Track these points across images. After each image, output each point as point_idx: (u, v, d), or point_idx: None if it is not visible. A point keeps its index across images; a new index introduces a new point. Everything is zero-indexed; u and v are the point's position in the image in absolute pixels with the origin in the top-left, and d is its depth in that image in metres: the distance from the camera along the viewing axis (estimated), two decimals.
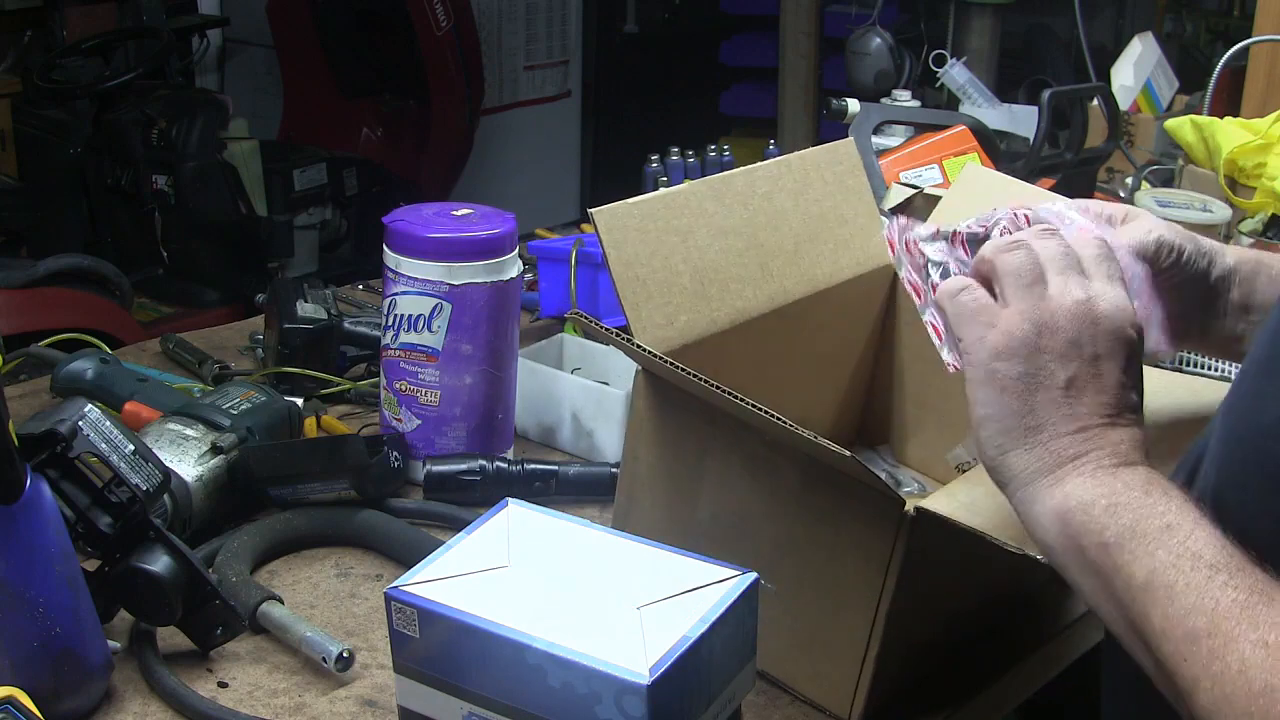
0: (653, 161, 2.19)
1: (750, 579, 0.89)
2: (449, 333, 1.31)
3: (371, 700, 1.04)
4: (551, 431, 1.45)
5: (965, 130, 1.92)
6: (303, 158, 3.94)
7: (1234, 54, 2.33)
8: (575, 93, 5.26)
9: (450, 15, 4.25)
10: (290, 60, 4.46)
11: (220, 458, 1.25)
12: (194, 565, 1.06)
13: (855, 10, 4.03)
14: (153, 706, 1.03)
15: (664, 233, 1.11)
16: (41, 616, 0.96)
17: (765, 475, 1.01)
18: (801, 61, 4.10)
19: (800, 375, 1.29)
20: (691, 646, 0.83)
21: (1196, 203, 1.85)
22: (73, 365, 1.48)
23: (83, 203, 3.68)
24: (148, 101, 3.56)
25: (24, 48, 3.93)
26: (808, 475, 1.00)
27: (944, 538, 0.92)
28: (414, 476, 1.34)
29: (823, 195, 1.26)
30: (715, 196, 1.17)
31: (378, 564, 1.24)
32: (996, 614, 1.17)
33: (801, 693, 1.07)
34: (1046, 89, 1.99)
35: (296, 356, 1.50)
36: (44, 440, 1.00)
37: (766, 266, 1.19)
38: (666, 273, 1.11)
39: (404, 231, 1.31)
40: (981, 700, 1.12)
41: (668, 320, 1.10)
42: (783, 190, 1.23)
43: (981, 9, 3.59)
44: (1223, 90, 2.40)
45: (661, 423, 1.11)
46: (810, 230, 1.24)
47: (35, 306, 2.84)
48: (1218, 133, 2.00)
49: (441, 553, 0.92)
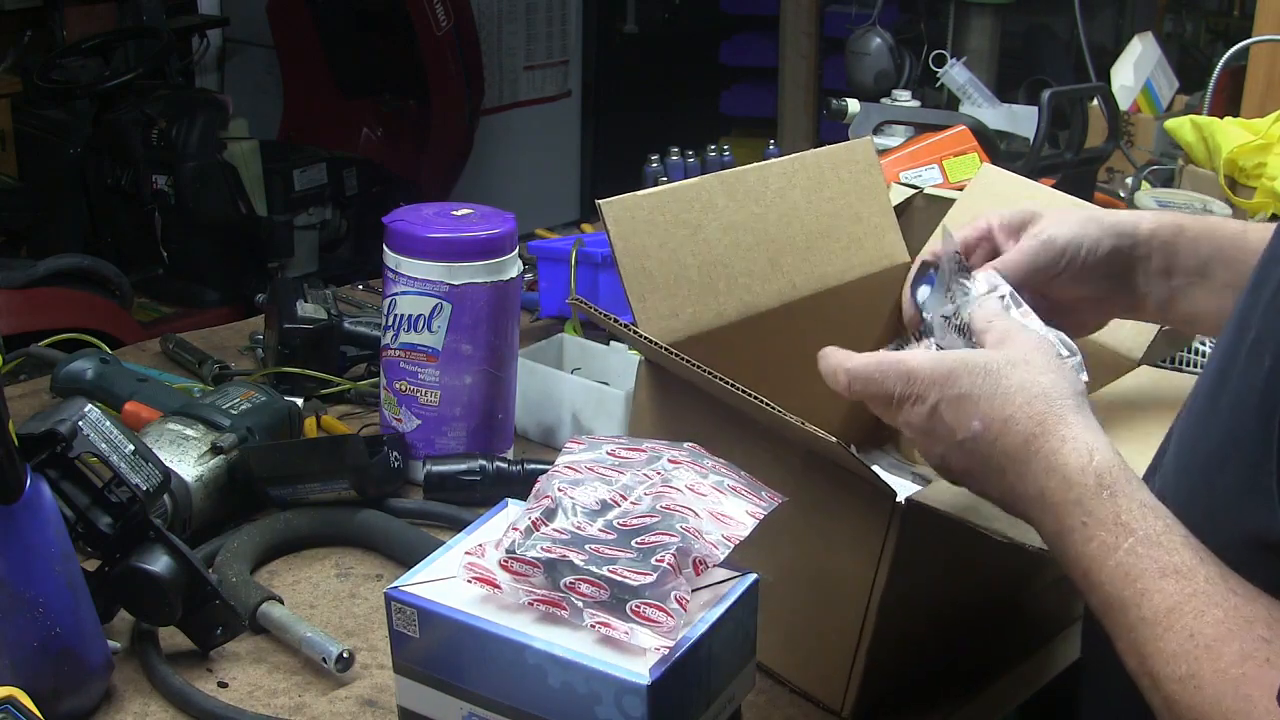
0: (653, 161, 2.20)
1: (750, 579, 0.89)
2: (449, 333, 1.31)
3: (371, 700, 1.04)
4: (551, 431, 1.45)
5: (965, 130, 1.92)
6: (303, 158, 3.94)
7: (1234, 54, 2.33)
8: (575, 93, 5.26)
9: (450, 15, 4.25)
10: (290, 60, 4.46)
11: (220, 458, 1.25)
12: (194, 565, 1.06)
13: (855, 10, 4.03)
14: (153, 706, 1.03)
15: (673, 225, 1.11)
16: (41, 616, 0.96)
17: (762, 467, 1.01)
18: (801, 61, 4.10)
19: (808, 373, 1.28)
20: (691, 646, 0.83)
21: (1196, 203, 1.86)
22: (73, 365, 1.48)
23: (83, 203, 3.68)
24: (148, 101, 3.56)
25: (24, 48, 3.93)
26: (804, 466, 1.00)
27: (936, 530, 0.93)
28: (414, 476, 1.34)
29: (837, 193, 1.26)
30: (726, 191, 1.17)
31: (378, 564, 1.24)
32: (995, 613, 1.17)
33: (795, 684, 1.07)
34: (1046, 89, 1.99)
35: (296, 356, 1.50)
36: (44, 440, 1.00)
37: (777, 262, 1.19)
38: (674, 265, 1.11)
39: (404, 231, 1.31)
40: (981, 700, 1.12)
41: (673, 312, 1.10)
42: (796, 187, 1.22)
43: (981, 9, 3.59)
44: (1223, 90, 2.40)
45: (662, 413, 1.11)
46: (822, 227, 1.24)
47: (35, 306, 2.84)
48: (1218, 133, 2.00)
49: (441, 553, 0.92)
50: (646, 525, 0.84)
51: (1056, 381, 0.84)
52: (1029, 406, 0.82)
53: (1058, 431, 0.81)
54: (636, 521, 0.85)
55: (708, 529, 0.85)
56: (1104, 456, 0.79)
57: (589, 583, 0.83)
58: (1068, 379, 0.85)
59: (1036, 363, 0.85)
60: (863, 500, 0.97)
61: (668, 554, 0.82)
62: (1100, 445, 0.80)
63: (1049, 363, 0.86)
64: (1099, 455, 0.79)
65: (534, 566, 0.84)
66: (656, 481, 0.88)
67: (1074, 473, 0.79)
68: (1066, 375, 0.85)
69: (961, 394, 0.85)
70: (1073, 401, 0.83)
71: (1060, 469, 0.80)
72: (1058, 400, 0.83)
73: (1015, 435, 0.82)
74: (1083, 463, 0.79)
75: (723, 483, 0.89)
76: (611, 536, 0.84)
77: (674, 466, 0.90)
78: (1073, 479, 0.79)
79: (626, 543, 0.83)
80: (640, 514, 0.85)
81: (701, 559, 0.84)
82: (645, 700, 0.79)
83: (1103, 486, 0.78)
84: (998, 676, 1.14)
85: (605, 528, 0.85)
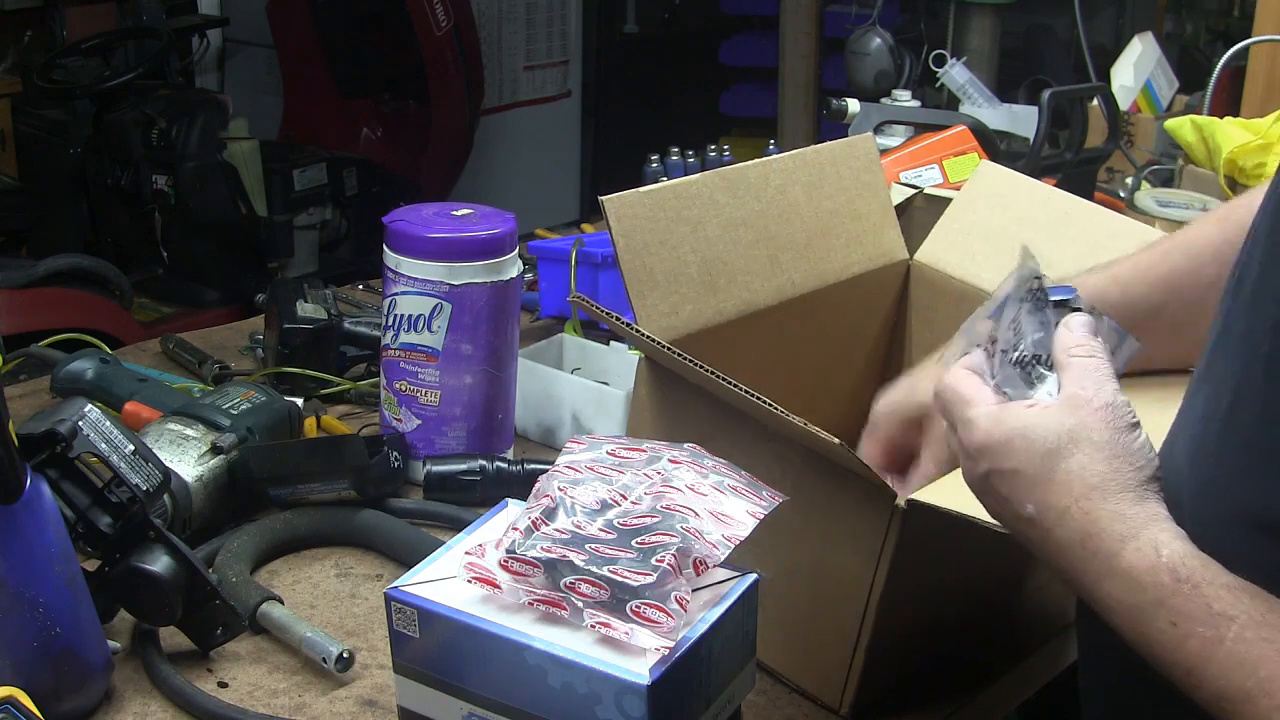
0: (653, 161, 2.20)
1: (750, 579, 0.89)
2: (449, 333, 1.31)
3: (371, 700, 1.04)
4: (551, 431, 1.45)
5: (965, 130, 1.92)
6: (303, 158, 3.94)
7: (1234, 54, 2.33)
8: (575, 93, 5.26)
9: (450, 15, 4.24)
10: (290, 60, 4.46)
11: (220, 458, 1.25)
12: (194, 565, 1.06)
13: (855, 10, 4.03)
14: (153, 706, 1.03)
15: (674, 222, 1.11)
16: (41, 616, 0.96)
17: (762, 465, 1.01)
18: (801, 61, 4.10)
19: (808, 368, 1.28)
20: (691, 646, 0.83)
21: (1196, 203, 1.86)
22: (73, 365, 1.48)
23: (83, 203, 3.68)
24: (148, 101, 3.55)
25: (24, 48, 3.93)
26: (804, 465, 1.00)
27: (936, 530, 0.93)
28: (414, 476, 1.34)
29: (837, 190, 1.26)
30: (727, 188, 1.17)
31: (378, 564, 1.24)
32: (994, 613, 1.17)
33: (794, 683, 1.07)
34: (1046, 89, 1.99)
35: (296, 356, 1.50)
36: (44, 440, 1.00)
37: (776, 259, 1.19)
38: (675, 262, 1.11)
39: (404, 231, 1.31)
40: (981, 700, 1.12)
41: (673, 309, 1.10)
42: (797, 183, 1.22)
43: (981, 9, 3.59)
44: (1223, 90, 2.40)
45: (662, 411, 1.11)
46: (822, 225, 1.24)
47: (35, 306, 2.84)
48: (1218, 133, 2.00)
49: (441, 553, 0.92)
50: (647, 525, 0.84)
51: (1119, 469, 0.77)
52: (1085, 501, 0.77)
53: (1116, 532, 0.75)
54: (637, 521, 0.85)
55: (708, 529, 0.85)
56: (1173, 550, 0.74)
57: (589, 583, 0.83)
58: (1132, 461, 0.77)
59: (1099, 439, 0.78)
60: (862, 500, 0.97)
61: (668, 554, 0.82)
62: (1167, 538, 0.75)
63: (1114, 440, 0.78)
64: (1167, 550, 0.74)
65: (534, 566, 0.84)
66: (657, 481, 0.88)
67: (1142, 574, 0.74)
68: (1131, 456, 0.78)
69: (1017, 471, 0.79)
70: (1133, 494, 0.76)
71: (1124, 573, 0.75)
72: (1115, 494, 0.76)
73: (1070, 531, 0.77)
74: (1150, 562, 0.74)
75: (723, 483, 0.89)
76: (612, 536, 0.84)
77: (674, 466, 0.90)
78: (1143, 581, 0.74)
79: (627, 543, 0.83)
80: (640, 514, 0.85)
81: (702, 559, 0.84)
82: (645, 700, 0.79)
83: (1180, 581, 0.73)
84: (998, 676, 1.14)
85: (605, 527, 0.85)
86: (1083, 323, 0.83)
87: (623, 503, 0.86)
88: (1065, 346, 0.82)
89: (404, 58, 4.32)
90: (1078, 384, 0.80)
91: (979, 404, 0.82)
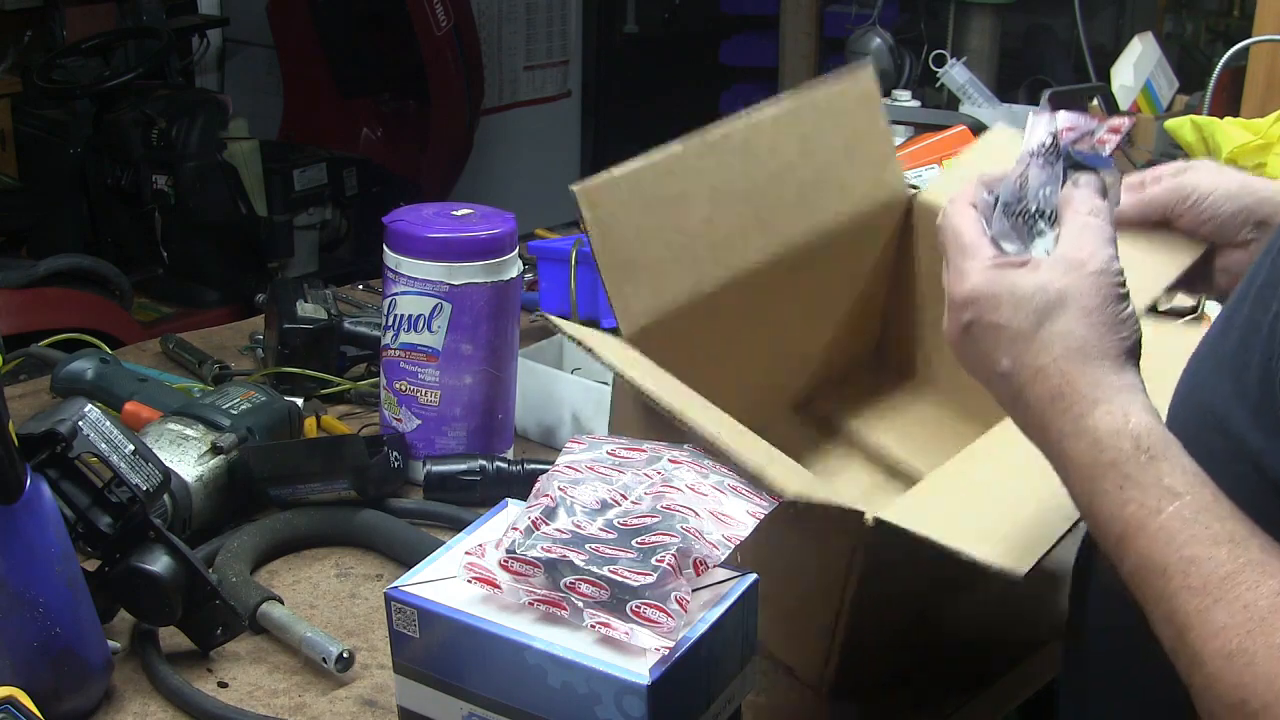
0: None
1: (750, 579, 0.89)
2: (449, 333, 1.31)
3: (371, 700, 1.04)
4: (551, 431, 1.45)
5: (965, 130, 1.92)
6: (303, 158, 3.94)
7: (1234, 54, 2.33)
8: (575, 93, 5.25)
9: (450, 15, 4.24)
10: (290, 60, 4.46)
11: (220, 458, 1.25)
12: (194, 565, 1.06)
13: (855, 10, 4.03)
14: (152, 706, 1.03)
15: (653, 202, 1.07)
16: (41, 616, 0.96)
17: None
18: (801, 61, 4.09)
19: (806, 316, 1.23)
20: (691, 647, 0.83)
21: None
22: (73, 365, 1.48)
23: (83, 203, 3.68)
24: (148, 101, 3.55)
25: (24, 48, 3.93)
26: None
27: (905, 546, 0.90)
28: (414, 476, 1.34)
29: (834, 135, 1.18)
30: (712, 153, 1.11)
31: (378, 564, 1.24)
32: (991, 614, 1.17)
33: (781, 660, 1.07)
34: (1046, 89, 1.99)
35: (296, 356, 1.50)
36: (44, 440, 1.00)
37: (765, 220, 1.14)
38: (657, 244, 1.07)
39: (404, 231, 1.31)
40: (981, 700, 1.12)
41: (655, 291, 1.07)
42: (790, 138, 1.16)
43: (981, 9, 3.60)
44: (1223, 90, 2.40)
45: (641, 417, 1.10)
46: (817, 176, 1.18)
47: (35, 306, 2.84)
48: (1218, 133, 2.00)
49: (441, 553, 0.92)
50: (647, 525, 0.84)
51: (1103, 335, 0.77)
52: (1064, 361, 0.77)
53: (1089, 395, 0.76)
54: (637, 521, 0.85)
55: (708, 529, 0.84)
56: (1140, 420, 0.74)
57: (589, 583, 0.83)
58: (1117, 331, 0.78)
59: (1088, 304, 0.78)
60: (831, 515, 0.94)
61: (668, 554, 0.82)
62: (1137, 409, 0.75)
63: (1103, 308, 0.78)
64: (1135, 419, 0.74)
65: (534, 566, 0.84)
66: (657, 481, 0.88)
67: (1106, 435, 0.74)
68: (1116, 326, 0.78)
69: (1000, 325, 0.79)
70: (1112, 362, 0.77)
71: (1089, 432, 0.75)
72: (1096, 359, 0.77)
73: (1044, 389, 0.77)
74: (1116, 426, 0.74)
75: (723, 482, 0.89)
76: (612, 536, 0.84)
77: (674, 466, 0.90)
78: (1104, 442, 0.74)
79: (627, 542, 0.83)
80: (641, 514, 0.85)
81: (702, 559, 0.84)
82: (645, 700, 0.79)
83: (1140, 450, 0.73)
84: (998, 676, 1.14)
85: (605, 527, 0.84)
86: (1090, 181, 0.83)
87: (623, 503, 0.86)
88: (1069, 203, 0.82)
89: (404, 58, 4.32)
90: (1075, 245, 0.80)
91: (975, 256, 0.82)
